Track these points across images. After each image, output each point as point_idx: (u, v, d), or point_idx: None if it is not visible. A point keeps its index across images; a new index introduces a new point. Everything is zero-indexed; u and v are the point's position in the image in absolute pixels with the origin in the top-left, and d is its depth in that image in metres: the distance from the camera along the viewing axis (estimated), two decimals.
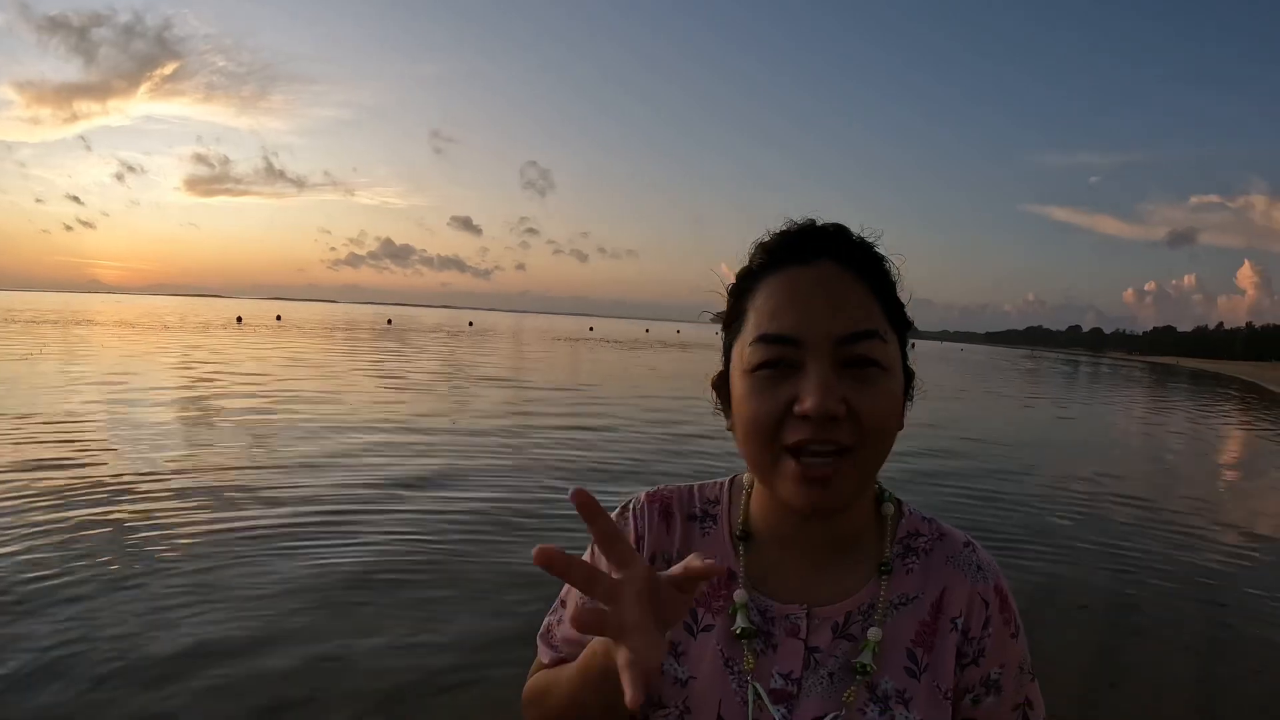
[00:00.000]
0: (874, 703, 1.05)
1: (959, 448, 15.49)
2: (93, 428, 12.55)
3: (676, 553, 1.17)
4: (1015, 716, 1.14)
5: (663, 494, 1.23)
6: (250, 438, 12.33)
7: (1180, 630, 6.35)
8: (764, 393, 1.01)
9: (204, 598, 5.87)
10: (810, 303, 1.01)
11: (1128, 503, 11.30)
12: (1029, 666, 1.16)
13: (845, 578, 1.12)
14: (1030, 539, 8.81)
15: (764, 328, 1.03)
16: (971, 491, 11.23)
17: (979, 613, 1.11)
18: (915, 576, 1.13)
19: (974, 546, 1.17)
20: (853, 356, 1.00)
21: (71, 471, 9.41)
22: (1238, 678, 5.57)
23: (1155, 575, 7.73)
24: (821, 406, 0.96)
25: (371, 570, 6.59)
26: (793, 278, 1.04)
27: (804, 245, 1.06)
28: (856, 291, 1.03)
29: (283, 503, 8.51)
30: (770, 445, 1.01)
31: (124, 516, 7.71)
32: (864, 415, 0.99)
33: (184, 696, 4.48)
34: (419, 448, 12.29)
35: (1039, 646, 4.71)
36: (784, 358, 1.00)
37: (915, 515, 1.20)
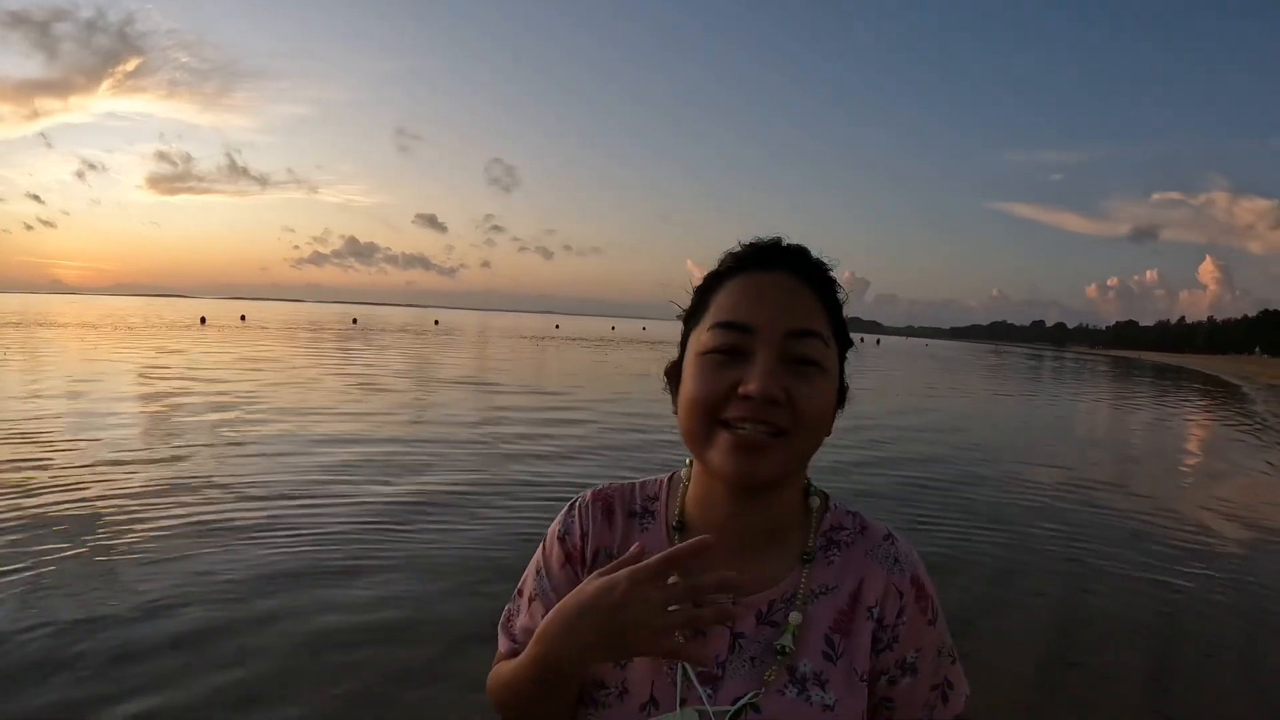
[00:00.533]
0: (793, 684, 1.12)
1: (925, 440, 15.70)
2: (49, 438, 12.42)
3: (617, 547, 1.26)
4: (934, 696, 1.21)
5: (606, 493, 1.32)
6: (214, 440, 12.29)
7: (1136, 615, 6.49)
8: (712, 373, 1.11)
9: (174, 588, 5.89)
10: (766, 299, 1.12)
11: (1088, 491, 11.52)
12: (949, 650, 1.24)
13: (771, 568, 1.20)
14: (990, 526, 8.96)
15: (722, 316, 1.13)
16: (933, 481, 11.40)
17: (893, 602, 1.18)
18: (835, 568, 1.21)
19: (894, 539, 1.24)
20: (797, 352, 1.10)
21: (28, 473, 9.37)
22: (1191, 662, 5.69)
23: (1112, 562, 7.89)
24: (764, 390, 1.06)
25: (341, 560, 6.63)
26: (754, 278, 1.15)
27: (767, 255, 1.17)
28: (808, 298, 1.14)
29: (248, 497, 8.51)
30: (709, 418, 1.11)
31: (83, 519, 7.68)
32: (800, 405, 1.08)
33: (154, 682, 4.51)
34: (386, 446, 12.27)
35: (998, 631, 4.83)
36: (737, 344, 1.10)
37: (840, 510, 1.28)
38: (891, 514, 9.20)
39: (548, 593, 1.25)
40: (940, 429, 18.21)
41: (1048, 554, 8.10)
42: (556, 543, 1.29)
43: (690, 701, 1.11)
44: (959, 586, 6.89)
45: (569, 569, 1.26)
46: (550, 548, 1.30)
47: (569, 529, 1.29)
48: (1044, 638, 5.94)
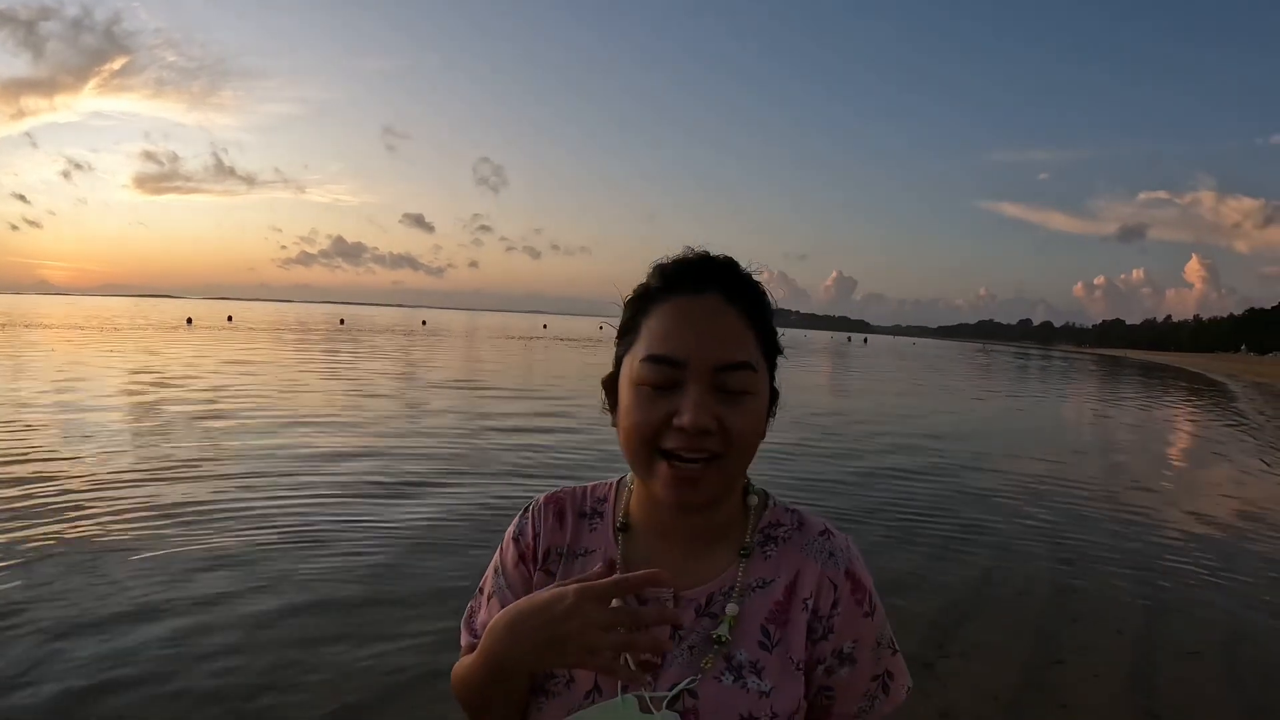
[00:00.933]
0: (729, 671, 1.17)
1: (908, 440, 15.76)
2: (31, 442, 12.36)
3: (567, 546, 1.33)
4: (875, 686, 1.25)
5: (558, 496, 1.39)
6: (199, 448, 12.23)
7: (1120, 613, 6.51)
8: (648, 405, 1.15)
9: (169, 600, 5.87)
10: (696, 330, 1.16)
11: (1074, 489, 11.57)
12: (890, 642, 1.28)
13: (710, 564, 1.26)
14: (974, 525, 9.00)
15: (653, 348, 1.17)
16: (915, 481, 11.44)
17: (828, 594, 1.23)
18: (772, 562, 1.27)
19: (830, 534, 1.30)
20: (728, 384, 1.14)
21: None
22: (1175, 659, 5.72)
23: (1098, 560, 7.93)
24: (696, 423, 1.11)
25: (332, 569, 6.61)
26: (684, 306, 1.18)
27: (697, 275, 1.20)
28: (736, 324, 1.18)
29: (237, 509, 8.49)
30: (648, 449, 1.16)
31: (72, 532, 7.64)
32: (732, 431, 1.14)
33: (144, 697, 4.50)
34: (372, 449, 12.29)
35: (983, 630, 4.84)
36: (669, 378, 1.14)
37: (779, 508, 1.34)
38: (873, 517, 9.23)
39: (504, 590, 1.32)
40: (924, 429, 18.27)
41: (1033, 552, 8.14)
42: (512, 543, 1.36)
43: (632, 688, 1.16)
44: (944, 585, 6.93)
45: (523, 567, 1.33)
46: (506, 548, 1.36)
47: (523, 530, 1.36)
48: (1028, 636, 5.96)
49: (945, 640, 5.78)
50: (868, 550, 7.62)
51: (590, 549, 1.32)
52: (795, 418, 18.04)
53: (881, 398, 27.11)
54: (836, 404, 23.90)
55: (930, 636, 5.83)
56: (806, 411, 19.82)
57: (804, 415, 18.79)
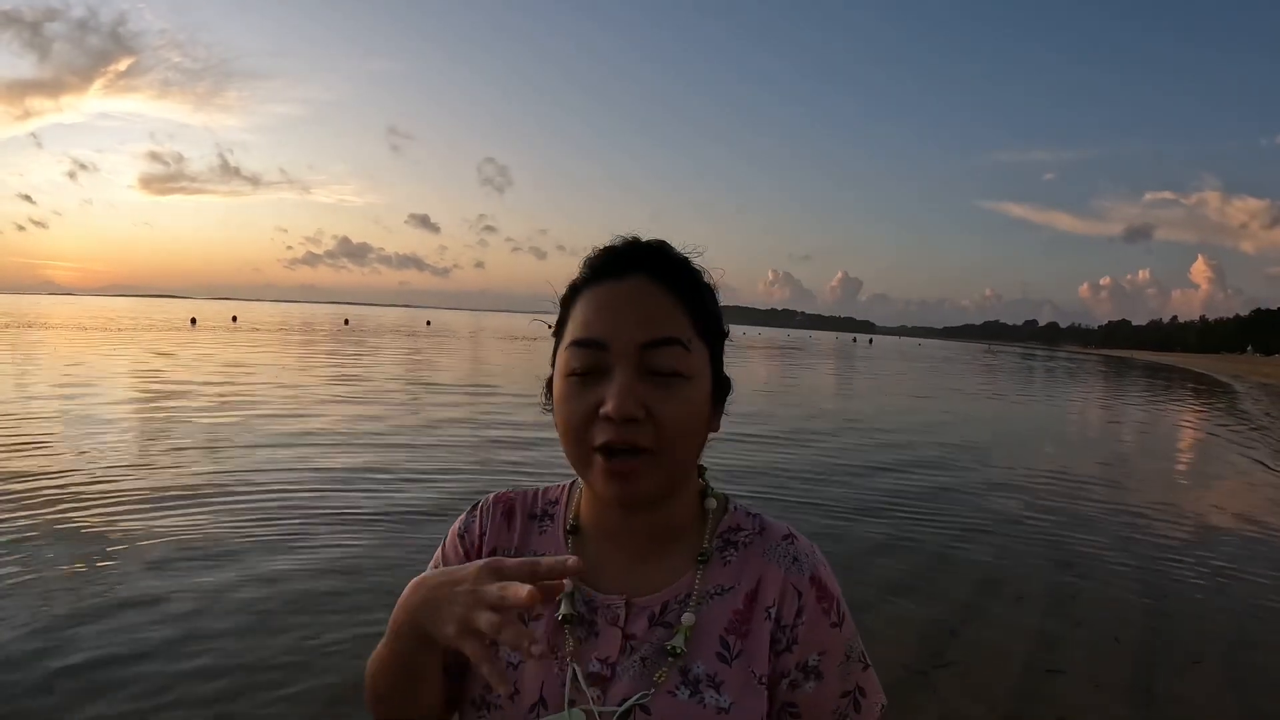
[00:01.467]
0: (685, 685, 1.10)
1: (912, 440, 15.67)
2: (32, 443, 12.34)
3: (515, 548, 1.27)
4: (845, 703, 1.16)
5: (508, 496, 1.33)
6: (198, 446, 12.17)
7: (1121, 619, 6.40)
8: (576, 396, 1.10)
9: (163, 594, 5.85)
10: (619, 312, 1.10)
11: (1076, 492, 11.45)
12: (860, 655, 1.19)
13: (665, 570, 1.19)
14: (974, 529, 8.90)
15: (577, 334, 1.12)
16: (914, 484, 11.33)
17: (791, 602, 1.15)
18: (732, 568, 1.19)
19: (794, 539, 1.22)
20: (655, 365, 1.08)
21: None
22: (1176, 668, 5.60)
23: (1099, 564, 7.82)
24: (620, 409, 1.04)
25: (325, 568, 6.54)
26: (607, 290, 1.13)
27: (622, 261, 1.15)
28: (663, 303, 1.11)
29: (238, 505, 8.42)
30: (581, 443, 1.10)
31: (72, 526, 7.58)
32: (662, 419, 1.07)
33: (130, 694, 4.42)
34: (369, 450, 12.20)
35: (980, 637, 4.75)
36: (594, 363, 1.09)
37: (739, 511, 1.26)
38: (868, 518, 9.14)
39: None
40: (923, 430, 18.20)
41: (1033, 556, 8.03)
42: (456, 540, 1.30)
43: (579, 702, 1.11)
44: (941, 592, 6.81)
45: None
46: (450, 545, 1.30)
47: (469, 527, 1.30)
48: (1027, 644, 5.84)
49: (941, 648, 5.67)
50: (861, 554, 7.65)
51: (538, 552, 1.26)
52: (806, 414, 18.12)
53: (882, 398, 27.05)
54: (838, 404, 23.84)
55: (926, 644, 5.72)
56: (808, 411, 19.76)
57: (806, 415, 18.72)
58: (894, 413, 21.71)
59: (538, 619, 1.18)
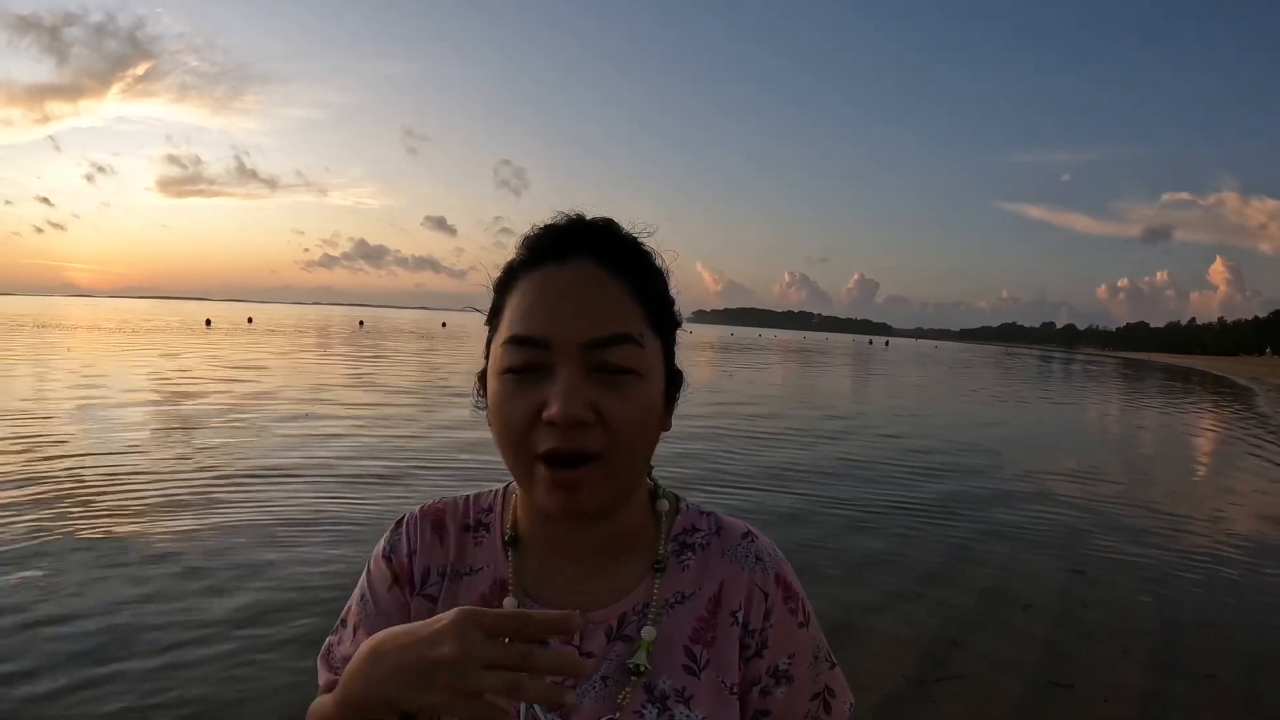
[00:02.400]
0: (652, 703, 1.02)
1: (927, 443, 15.47)
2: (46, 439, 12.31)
3: (450, 565, 1.14)
4: (815, 706, 1.10)
5: (436, 507, 1.19)
6: (208, 444, 12.12)
7: (1134, 630, 6.18)
8: (514, 397, 0.98)
9: (178, 588, 5.85)
10: (562, 304, 0.98)
11: (1091, 497, 11.22)
12: (827, 655, 1.13)
13: (619, 579, 1.10)
14: (984, 535, 8.70)
15: (514, 329, 0.99)
16: (923, 489, 11.12)
17: (758, 604, 1.08)
18: (691, 573, 1.10)
19: (753, 537, 1.14)
20: (604, 362, 0.97)
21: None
22: (1190, 681, 5.36)
23: (1111, 573, 7.60)
24: (566, 413, 0.93)
25: (338, 571, 6.42)
26: (548, 277, 1.00)
27: (564, 242, 1.02)
28: (612, 293, 0.99)
29: (247, 505, 8.38)
30: (522, 451, 0.98)
31: (85, 521, 7.51)
32: (613, 422, 0.96)
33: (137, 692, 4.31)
34: (383, 450, 12.10)
35: (987, 648, 4.54)
36: (533, 361, 0.97)
37: (693, 511, 1.17)
38: (871, 526, 8.94)
39: (373, 618, 1.12)
40: (934, 433, 17.96)
41: (1042, 563, 7.81)
42: (382, 562, 1.16)
43: None
44: (945, 599, 6.61)
45: (397, 591, 1.13)
46: (375, 568, 1.16)
47: (395, 547, 1.16)
48: (1034, 654, 5.63)
49: (943, 658, 5.45)
50: (864, 561, 7.44)
51: (476, 566, 1.13)
52: (819, 415, 17.98)
53: (893, 400, 26.84)
54: (850, 406, 23.63)
55: (927, 653, 5.50)
56: (821, 413, 19.59)
57: (819, 416, 18.55)
58: (905, 415, 21.46)
59: None
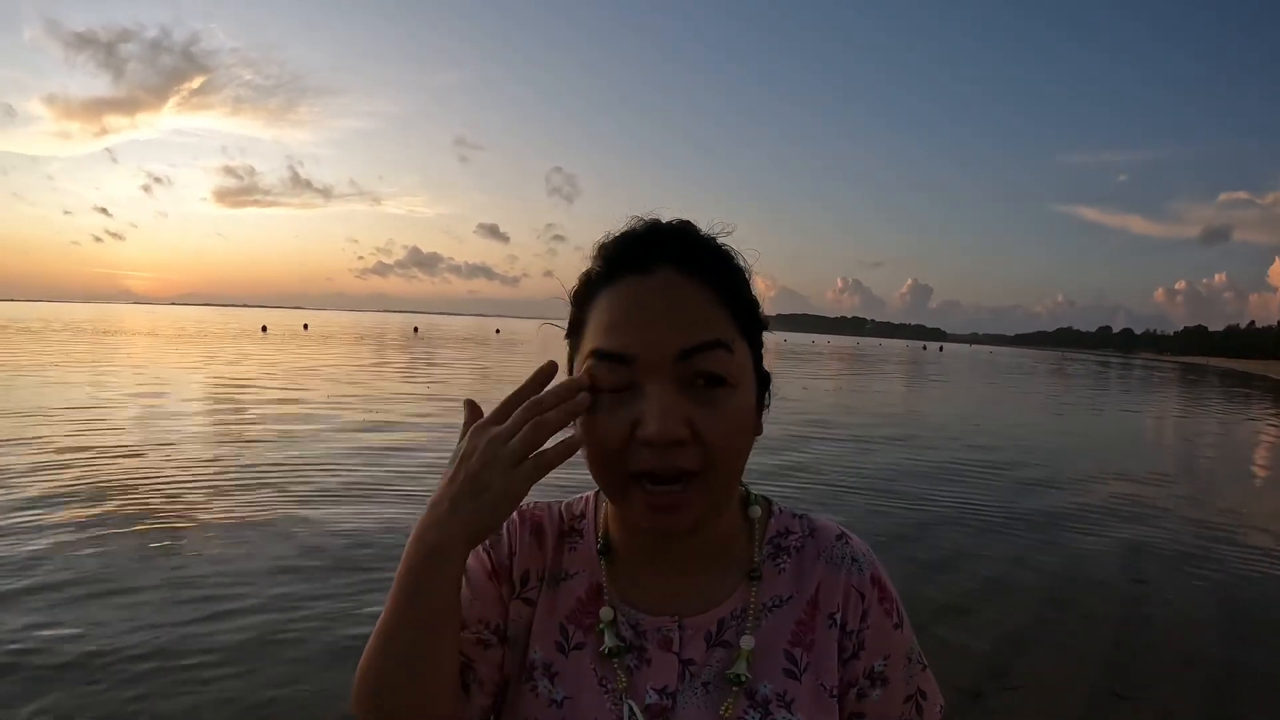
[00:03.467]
0: (754, 709, 1.02)
1: (989, 450, 15.32)
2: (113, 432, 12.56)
3: (547, 569, 1.14)
4: (908, 709, 1.10)
5: (534, 512, 1.19)
6: (259, 440, 12.29)
7: (1197, 645, 6.06)
8: (605, 416, 0.96)
9: (222, 591, 5.91)
10: (647, 317, 0.95)
11: (1150, 507, 11.01)
12: (919, 657, 1.13)
13: (716, 585, 1.09)
14: (1043, 542, 8.61)
15: (599, 343, 0.97)
16: (987, 496, 11.00)
17: (855, 605, 1.08)
18: (788, 576, 1.10)
19: (847, 538, 1.14)
20: (696, 373, 0.94)
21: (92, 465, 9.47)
22: (1254, 700, 5.25)
23: (1176, 583, 7.47)
24: (663, 433, 0.91)
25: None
26: (630, 289, 0.98)
27: (643, 251, 1.00)
28: (698, 300, 0.96)
29: (304, 493, 8.47)
30: (617, 472, 0.96)
31: (146, 517, 7.66)
32: (710, 438, 0.93)
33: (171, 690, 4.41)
34: (428, 448, 12.19)
35: (1046, 657, 4.50)
36: (622, 378, 0.95)
37: (785, 514, 1.16)
38: (927, 533, 8.87)
39: (468, 603, 1.08)
40: (1000, 439, 17.73)
41: (1104, 573, 7.70)
42: (481, 553, 1.13)
43: None
44: (1004, 607, 6.56)
45: (495, 582, 1.12)
46: (474, 557, 1.12)
47: (495, 543, 1.14)
48: (1094, 666, 5.57)
49: (1002, 669, 5.42)
50: (922, 566, 7.40)
51: (572, 571, 1.13)
52: (873, 420, 17.89)
53: (953, 406, 26.56)
54: (908, 410, 23.44)
55: (987, 664, 5.48)
56: (874, 418, 19.47)
57: (873, 421, 18.45)
58: (966, 419, 21.25)
59: (579, 648, 1.08)
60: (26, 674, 4.70)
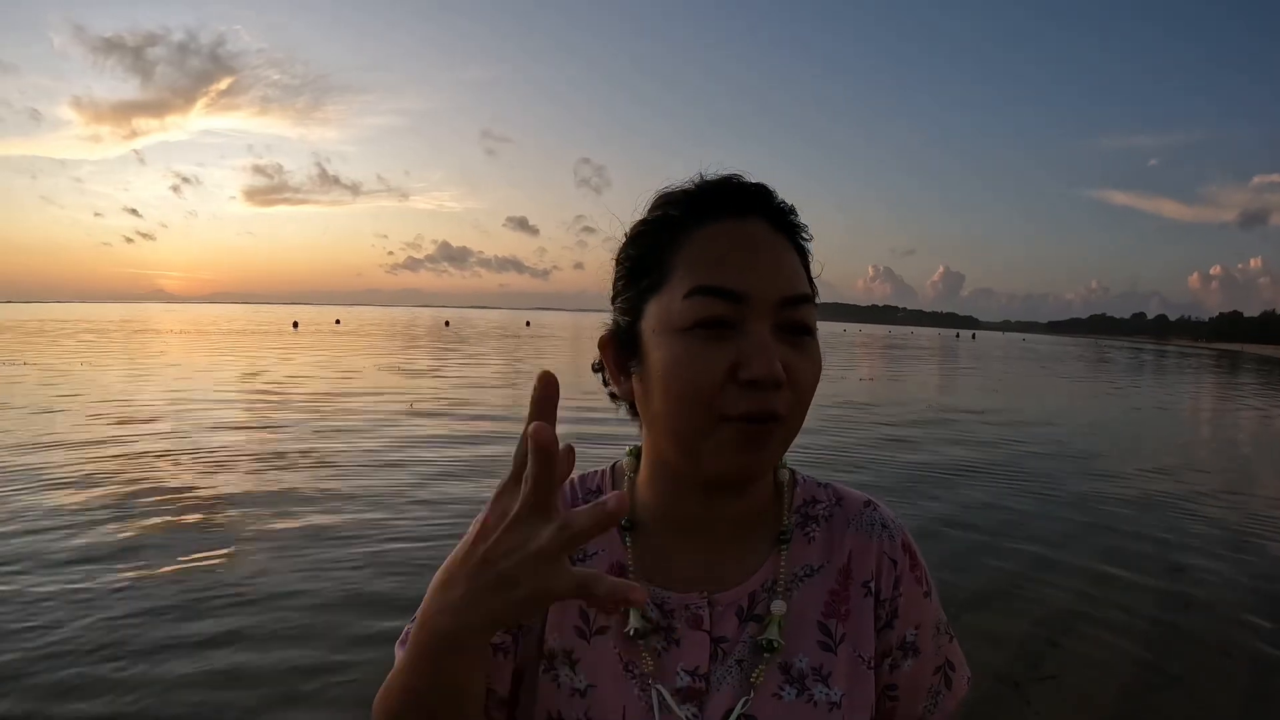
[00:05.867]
0: (790, 683, 0.97)
1: (1022, 438, 15.21)
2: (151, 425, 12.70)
3: None
4: (937, 679, 1.08)
5: None
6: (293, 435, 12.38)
7: (1236, 637, 5.99)
8: (703, 355, 0.91)
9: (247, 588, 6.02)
10: (755, 258, 0.94)
11: (1191, 496, 10.87)
12: (946, 627, 1.11)
13: (745, 558, 1.05)
14: (1081, 532, 8.56)
15: (705, 279, 0.92)
16: (1017, 485, 10.95)
17: (888, 573, 1.05)
18: (818, 545, 1.06)
19: (875, 505, 1.11)
20: (792, 321, 0.94)
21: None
22: None
23: (1216, 575, 7.37)
24: (773, 372, 0.88)
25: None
26: (732, 230, 0.95)
27: (737, 198, 0.98)
28: (791, 254, 0.97)
29: (332, 491, 8.57)
30: (709, 412, 0.91)
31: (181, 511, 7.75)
32: (800, 383, 0.93)
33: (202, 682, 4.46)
34: (464, 443, 12.24)
35: (1082, 649, 4.48)
36: (726, 315, 0.91)
37: (810, 482, 1.13)
38: (959, 523, 8.82)
39: None
40: (1035, 426, 17.58)
41: (1142, 561, 7.61)
42: None
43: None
44: (1042, 597, 6.53)
45: None
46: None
47: None
48: (1132, 656, 5.52)
49: (1039, 658, 5.40)
50: (958, 554, 7.37)
51: (591, 551, 1.07)
52: (907, 410, 17.91)
53: (984, 393, 26.33)
54: (943, 399, 23.25)
55: (1023, 653, 5.47)
56: (908, 407, 19.38)
57: (907, 411, 18.35)
58: (999, 408, 21.07)
59: (602, 632, 1.02)
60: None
